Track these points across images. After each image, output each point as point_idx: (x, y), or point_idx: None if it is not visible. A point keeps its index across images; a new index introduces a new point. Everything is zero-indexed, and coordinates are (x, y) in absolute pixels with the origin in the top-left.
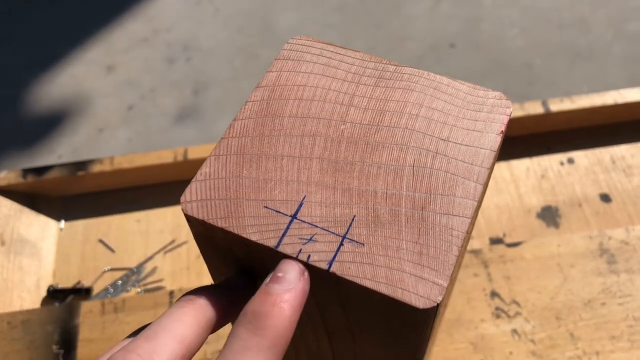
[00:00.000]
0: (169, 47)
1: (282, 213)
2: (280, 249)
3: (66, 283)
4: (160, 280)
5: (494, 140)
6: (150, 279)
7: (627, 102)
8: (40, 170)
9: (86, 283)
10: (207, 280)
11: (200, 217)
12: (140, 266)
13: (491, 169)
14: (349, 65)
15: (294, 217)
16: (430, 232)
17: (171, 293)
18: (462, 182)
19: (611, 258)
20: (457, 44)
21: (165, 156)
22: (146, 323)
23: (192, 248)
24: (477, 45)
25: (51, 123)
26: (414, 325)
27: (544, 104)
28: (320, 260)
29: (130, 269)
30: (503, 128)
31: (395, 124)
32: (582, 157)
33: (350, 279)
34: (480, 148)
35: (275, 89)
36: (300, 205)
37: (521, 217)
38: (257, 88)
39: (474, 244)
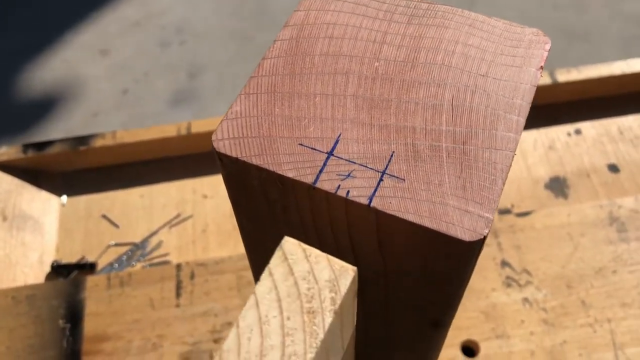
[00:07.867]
0: (163, 30)
1: (317, 150)
2: (318, 185)
3: (70, 258)
4: (165, 255)
5: (534, 75)
6: (155, 254)
7: (634, 72)
8: (41, 146)
9: (90, 258)
10: (213, 254)
11: (234, 154)
12: (145, 241)
13: (530, 105)
14: (380, 4)
15: (330, 153)
16: (473, 165)
17: (178, 266)
18: (503, 116)
19: (621, 226)
20: None
21: (168, 130)
22: (153, 297)
23: (198, 222)
24: None
25: (45, 108)
26: (458, 261)
27: (551, 74)
28: (360, 196)
29: (134, 244)
30: (542, 63)
31: (431, 61)
32: (590, 127)
33: (392, 214)
34: (521, 83)
35: (304, 28)
36: (336, 142)
37: (529, 188)
38: (286, 27)
39: None
